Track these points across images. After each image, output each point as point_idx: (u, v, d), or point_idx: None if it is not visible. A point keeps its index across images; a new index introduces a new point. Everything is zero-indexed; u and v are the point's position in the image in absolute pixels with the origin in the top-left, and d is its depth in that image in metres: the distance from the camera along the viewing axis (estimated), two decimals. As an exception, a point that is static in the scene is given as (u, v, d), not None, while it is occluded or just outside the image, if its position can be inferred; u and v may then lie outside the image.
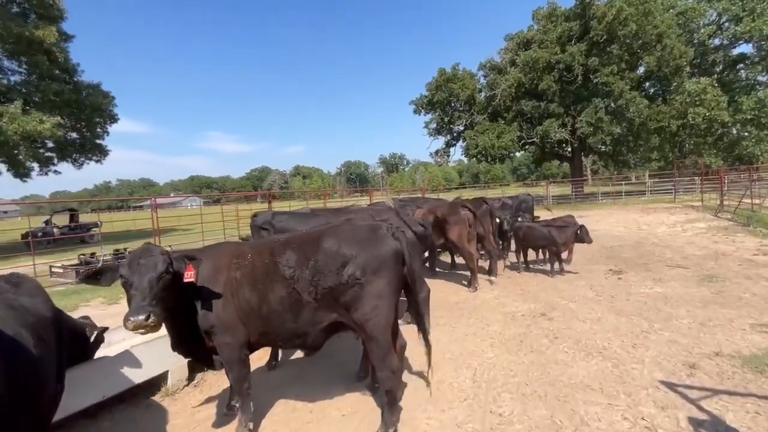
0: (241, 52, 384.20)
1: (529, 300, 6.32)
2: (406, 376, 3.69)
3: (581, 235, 7.71)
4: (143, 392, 3.79)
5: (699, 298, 5.87)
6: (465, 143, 31.17)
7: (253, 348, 3.17)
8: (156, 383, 3.84)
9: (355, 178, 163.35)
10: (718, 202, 17.75)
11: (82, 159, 22.28)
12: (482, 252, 8.38)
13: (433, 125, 34.12)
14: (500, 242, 9.99)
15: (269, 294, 2.89)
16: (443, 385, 3.69)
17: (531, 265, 8.75)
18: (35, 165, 21.14)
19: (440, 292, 7.15)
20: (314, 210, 9.39)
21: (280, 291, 2.87)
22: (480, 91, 31.68)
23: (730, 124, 29.73)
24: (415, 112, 34.16)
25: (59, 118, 16.80)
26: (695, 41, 30.80)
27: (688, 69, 30.44)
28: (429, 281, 7.93)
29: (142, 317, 2.43)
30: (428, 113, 33.95)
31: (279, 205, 30.88)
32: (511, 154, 31.36)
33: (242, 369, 3.07)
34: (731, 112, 28.74)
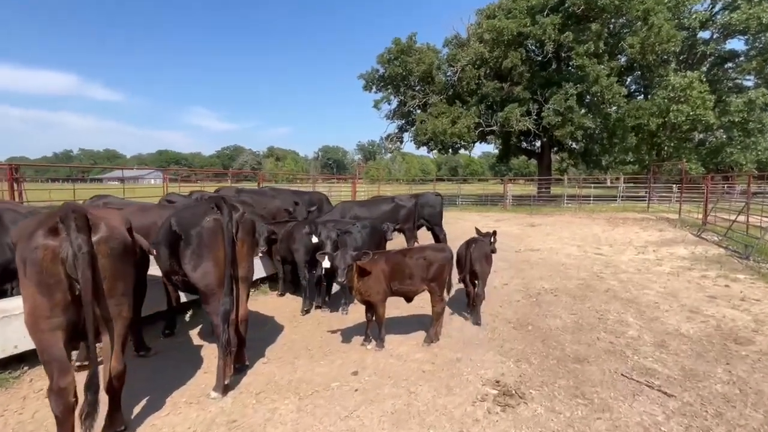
0: (234, 29, 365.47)
1: None
2: None
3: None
4: None
5: None
6: (415, 127, 26.53)
7: None
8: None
9: (333, 163, 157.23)
10: (701, 219, 13.83)
11: None
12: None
13: (386, 105, 29.31)
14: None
15: None
16: None
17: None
18: None
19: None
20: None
21: None
22: (439, 67, 26.92)
23: (715, 127, 26.24)
24: (364, 88, 29.20)
25: None
26: (684, 32, 26.90)
27: (674, 65, 26.67)
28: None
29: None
30: (380, 90, 29.04)
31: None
32: (466, 144, 26.80)
33: None
34: (717, 113, 25.19)
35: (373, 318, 4.23)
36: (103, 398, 2.64)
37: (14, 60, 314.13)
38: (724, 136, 27.85)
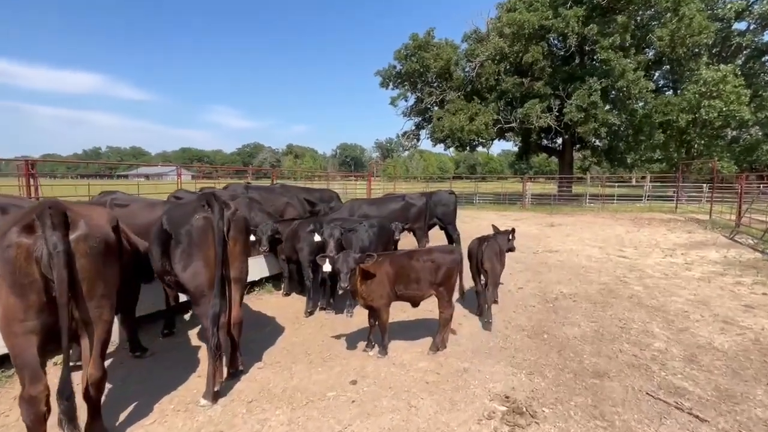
0: (252, 29, 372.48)
1: None
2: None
3: None
4: None
5: None
6: (431, 125, 26.09)
7: None
8: None
9: (351, 161, 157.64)
10: (734, 220, 13.02)
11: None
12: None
13: (403, 102, 28.93)
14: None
15: None
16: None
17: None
18: None
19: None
20: None
21: None
22: (457, 63, 26.34)
23: (750, 123, 24.81)
24: (381, 85, 28.87)
25: None
26: (717, 23, 25.44)
27: (705, 58, 25.29)
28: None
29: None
30: (396, 87, 28.69)
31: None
32: (485, 141, 26.16)
33: None
34: (752, 108, 23.80)
35: (376, 323, 4.00)
36: (83, 405, 2.50)
37: (50, 61, 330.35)
38: (760, 133, 26.38)
